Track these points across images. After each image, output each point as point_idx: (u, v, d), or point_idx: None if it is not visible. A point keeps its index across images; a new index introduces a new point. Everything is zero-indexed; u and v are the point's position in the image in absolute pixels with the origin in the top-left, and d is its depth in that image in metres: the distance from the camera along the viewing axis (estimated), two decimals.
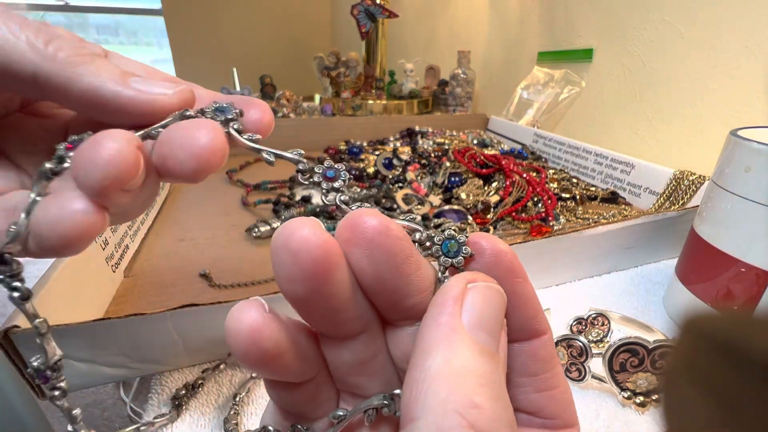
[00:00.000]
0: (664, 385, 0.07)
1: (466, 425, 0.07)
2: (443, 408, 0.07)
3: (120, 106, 0.11)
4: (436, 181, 0.49)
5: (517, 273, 0.10)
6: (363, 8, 0.87)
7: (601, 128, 0.69)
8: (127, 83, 0.12)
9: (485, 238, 0.10)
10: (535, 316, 0.10)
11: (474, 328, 0.09)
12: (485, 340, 0.09)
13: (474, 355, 0.08)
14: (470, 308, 0.09)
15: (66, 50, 0.11)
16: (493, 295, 0.09)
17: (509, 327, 0.10)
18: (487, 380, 0.08)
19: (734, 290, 0.26)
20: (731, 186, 0.26)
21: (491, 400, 0.08)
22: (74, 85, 0.11)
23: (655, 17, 0.57)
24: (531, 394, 0.11)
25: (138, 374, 0.25)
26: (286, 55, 2.24)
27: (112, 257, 0.32)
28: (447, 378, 0.08)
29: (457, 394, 0.08)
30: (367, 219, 0.09)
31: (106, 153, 0.10)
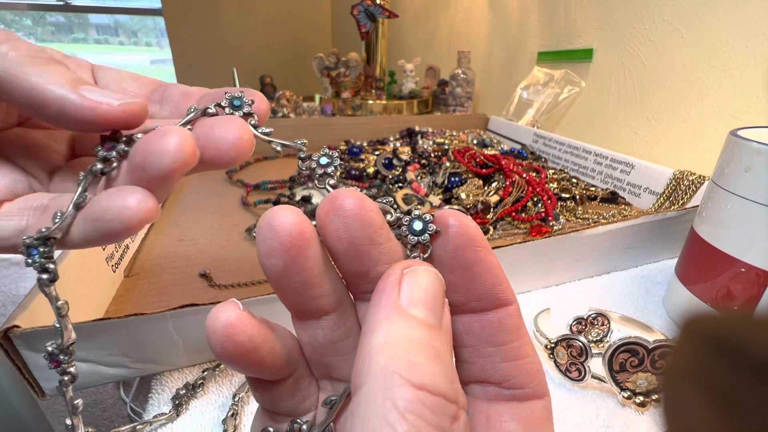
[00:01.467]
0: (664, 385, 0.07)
1: (404, 382, 0.08)
2: (384, 372, 0.08)
3: (62, 110, 0.12)
4: (436, 181, 0.49)
5: (478, 243, 0.11)
6: (363, 8, 0.87)
7: (601, 128, 0.69)
8: (76, 89, 0.12)
9: (452, 214, 0.11)
10: (498, 285, 0.11)
11: (411, 305, 0.09)
12: (424, 315, 0.09)
13: (411, 327, 0.09)
14: (407, 289, 0.10)
15: (20, 51, 0.12)
16: (429, 275, 0.10)
17: (474, 296, 0.11)
18: (425, 345, 0.09)
19: (734, 290, 0.26)
20: (731, 186, 0.26)
21: (428, 359, 0.09)
22: (20, 83, 0.12)
23: (655, 17, 0.57)
24: (498, 363, 0.11)
25: (138, 374, 0.25)
26: (286, 55, 2.24)
27: (112, 257, 0.32)
28: (386, 347, 0.09)
29: (395, 358, 0.08)
30: (346, 194, 0.11)
31: (173, 142, 0.11)
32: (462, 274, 0.11)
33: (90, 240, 0.13)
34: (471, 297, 0.11)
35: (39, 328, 0.21)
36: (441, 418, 0.08)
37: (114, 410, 0.98)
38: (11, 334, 0.21)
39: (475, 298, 0.11)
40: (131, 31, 2.87)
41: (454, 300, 0.11)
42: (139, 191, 0.12)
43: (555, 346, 0.25)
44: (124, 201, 0.12)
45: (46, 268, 0.13)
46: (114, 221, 0.12)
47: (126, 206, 0.12)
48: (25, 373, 0.22)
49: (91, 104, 0.12)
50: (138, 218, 0.12)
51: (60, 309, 0.13)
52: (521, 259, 0.32)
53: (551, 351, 0.25)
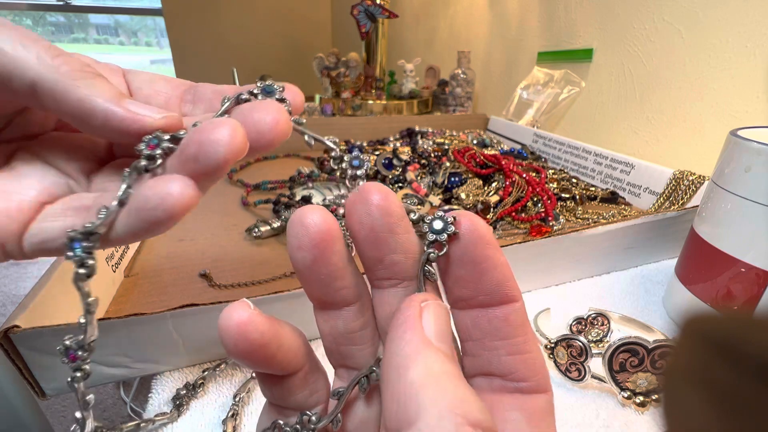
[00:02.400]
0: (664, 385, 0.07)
1: (462, 420, 0.08)
2: (437, 408, 0.08)
3: (107, 122, 0.13)
4: (436, 181, 0.49)
5: (488, 241, 0.11)
6: (363, 8, 0.87)
7: (601, 128, 0.69)
8: (121, 103, 0.13)
9: (465, 215, 0.12)
10: (505, 282, 0.11)
11: (436, 339, 0.10)
12: (445, 348, 0.10)
13: (445, 362, 0.09)
14: (429, 323, 0.10)
15: (71, 66, 0.13)
16: (442, 310, 0.11)
17: (482, 291, 0.12)
18: (459, 378, 0.09)
19: (734, 290, 0.26)
20: (731, 186, 0.26)
21: (471, 393, 0.09)
22: (69, 95, 0.12)
23: (655, 17, 0.57)
24: (503, 356, 0.12)
25: (138, 374, 0.25)
26: (286, 55, 2.24)
27: (112, 257, 0.32)
28: (433, 383, 0.09)
29: (447, 394, 0.09)
30: (372, 186, 0.12)
31: (226, 133, 0.12)
32: (471, 269, 0.11)
33: (135, 232, 0.13)
34: (479, 292, 0.12)
35: (39, 328, 0.21)
36: None
37: (114, 410, 0.98)
38: (11, 334, 0.21)
39: (483, 293, 0.11)
40: (131, 31, 2.87)
41: (464, 294, 0.12)
42: (179, 179, 0.12)
43: (555, 346, 0.25)
44: (167, 188, 0.12)
45: (84, 263, 0.13)
46: (157, 209, 0.12)
47: (169, 193, 0.12)
48: (25, 373, 0.22)
49: (134, 117, 0.13)
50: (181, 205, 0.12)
51: (90, 305, 0.14)
52: (521, 259, 0.32)
53: (551, 351, 0.25)
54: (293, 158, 0.70)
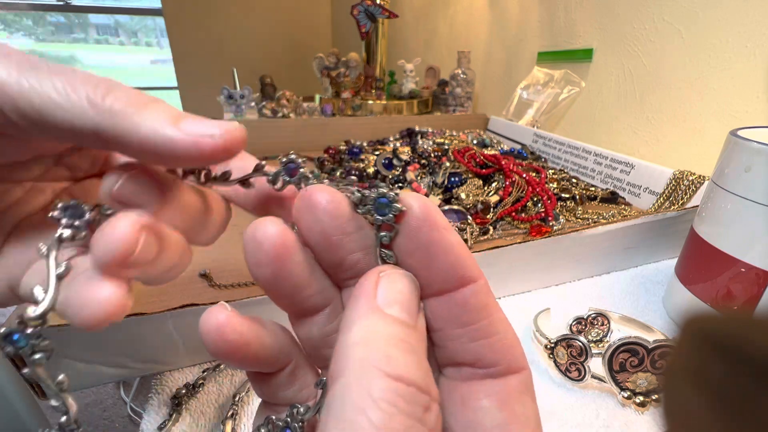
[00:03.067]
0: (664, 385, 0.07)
1: (380, 374, 0.08)
2: (361, 365, 0.09)
3: (173, 150, 0.12)
4: (435, 181, 0.49)
5: (434, 223, 0.11)
6: (363, 8, 0.87)
7: (601, 128, 0.69)
8: (178, 125, 0.12)
9: (409, 196, 0.11)
10: (458, 263, 0.11)
11: (387, 305, 0.10)
12: (399, 314, 0.10)
13: (387, 324, 0.09)
14: (383, 290, 0.10)
15: (122, 100, 0.12)
16: (403, 278, 0.11)
17: (435, 277, 0.11)
18: (400, 340, 0.09)
19: (734, 290, 0.26)
20: (731, 186, 0.26)
21: (403, 352, 0.09)
22: (132, 137, 0.12)
23: (655, 17, 0.57)
24: (467, 343, 0.11)
25: (138, 374, 0.25)
26: (286, 55, 2.24)
27: None
28: (364, 341, 0.09)
29: (373, 352, 0.09)
30: (314, 190, 0.11)
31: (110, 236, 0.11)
32: (421, 256, 0.11)
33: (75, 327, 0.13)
34: (433, 279, 0.11)
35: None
36: (413, 407, 0.08)
37: (114, 410, 0.98)
38: None
39: (438, 280, 0.11)
40: (131, 31, 2.87)
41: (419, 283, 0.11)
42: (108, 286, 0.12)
43: (555, 346, 0.25)
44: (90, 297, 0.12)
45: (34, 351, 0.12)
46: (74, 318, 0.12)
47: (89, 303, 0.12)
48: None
49: (194, 140, 0.12)
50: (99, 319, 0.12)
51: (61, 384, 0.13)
52: (521, 259, 0.32)
53: (551, 351, 0.25)
54: None
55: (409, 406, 0.08)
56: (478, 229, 0.41)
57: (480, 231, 0.41)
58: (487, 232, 0.41)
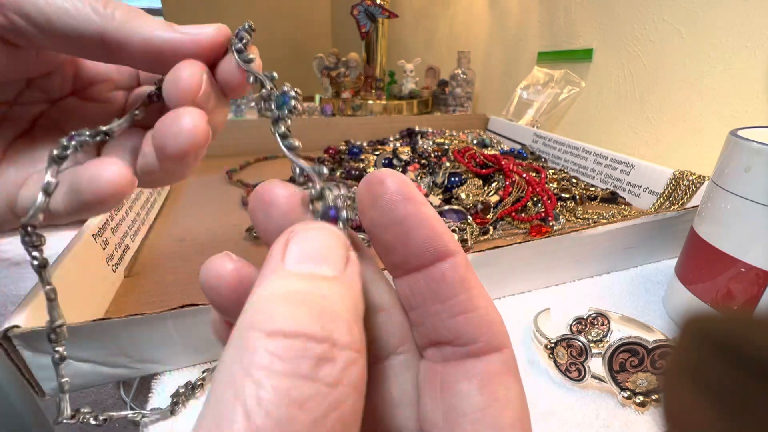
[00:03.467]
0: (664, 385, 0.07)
1: (260, 333, 0.07)
2: (242, 327, 0.08)
3: (173, 49, 0.14)
4: (435, 181, 0.49)
5: (408, 196, 0.10)
6: (363, 8, 0.87)
7: (601, 128, 0.69)
8: (173, 29, 0.14)
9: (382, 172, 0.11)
10: (435, 237, 0.10)
11: (296, 262, 0.09)
12: (314, 269, 0.09)
13: (288, 282, 0.08)
14: (293, 248, 0.09)
15: (122, 9, 0.14)
16: (319, 231, 0.10)
17: (412, 253, 0.10)
18: (298, 293, 0.08)
19: (734, 290, 0.26)
20: (731, 186, 0.26)
21: (293, 305, 0.08)
22: (132, 39, 0.14)
23: (655, 17, 0.57)
24: (446, 320, 0.10)
25: (138, 374, 0.25)
26: (286, 55, 2.24)
27: (112, 257, 0.32)
28: (253, 304, 0.08)
29: (256, 313, 0.08)
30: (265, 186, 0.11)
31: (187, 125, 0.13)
32: (396, 231, 0.10)
33: (71, 212, 0.14)
34: (409, 255, 0.10)
35: (39, 328, 0.21)
36: (296, 363, 0.07)
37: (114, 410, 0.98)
38: (11, 334, 0.21)
39: (414, 255, 0.10)
40: None
41: (395, 261, 0.11)
42: (115, 163, 0.13)
43: (555, 346, 0.25)
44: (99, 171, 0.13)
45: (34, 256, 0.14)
46: (86, 192, 0.13)
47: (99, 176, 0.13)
48: (25, 373, 0.22)
49: (194, 37, 0.14)
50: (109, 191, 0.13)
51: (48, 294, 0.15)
52: (521, 259, 0.32)
53: (551, 351, 0.25)
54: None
55: (289, 363, 0.07)
56: (478, 229, 0.41)
57: (480, 231, 0.41)
58: (487, 232, 0.41)
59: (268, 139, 0.72)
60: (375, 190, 0.10)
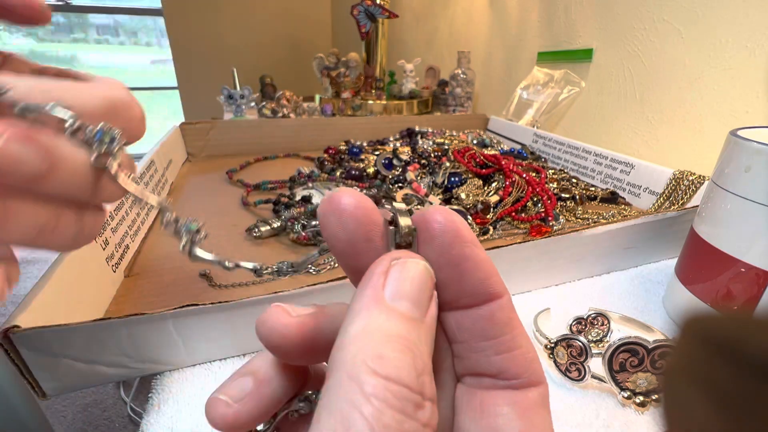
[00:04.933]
0: (664, 385, 0.07)
1: (371, 372, 0.08)
2: (353, 361, 0.08)
3: None
4: (435, 181, 0.49)
5: (465, 239, 0.11)
6: (363, 8, 0.87)
7: (601, 128, 0.69)
8: None
9: (438, 211, 0.11)
10: (487, 279, 0.11)
11: (395, 297, 0.09)
12: (407, 308, 0.10)
13: (389, 320, 0.09)
14: (393, 281, 0.10)
15: None
16: (417, 268, 0.10)
17: (464, 292, 0.11)
18: (398, 337, 0.09)
19: (734, 290, 0.26)
20: (731, 186, 0.26)
21: (398, 351, 0.09)
22: None
23: (655, 17, 0.57)
24: (492, 356, 0.11)
25: (138, 374, 0.25)
26: (286, 55, 2.24)
27: (112, 257, 0.32)
28: (359, 337, 0.09)
29: (366, 348, 0.09)
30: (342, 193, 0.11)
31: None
32: (451, 271, 0.11)
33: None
34: (461, 294, 0.11)
35: (39, 328, 0.21)
36: (404, 403, 0.08)
37: (114, 410, 0.98)
38: (11, 334, 0.21)
39: (466, 295, 0.11)
40: (131, 31, 2.87)
41: (445, 298, 0.11)
42: None
43: (555, 346, 0.25)
44: None
45: None
46: None
47: None
48: (25, 373, 0.22)
49: None
50: None
51: None
52: (521, 259, 0.32)
53: (551, 351, 0.25)
54: (293, 158, 0.70)
55: (400, 402, 0.08)
56: (478, 229, 0.41)
57: (480, 231, 0.41)
58: (487, 232, 0.41)
59: (268, 139, 0.72)
60: (429, 228, 0.11)
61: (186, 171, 0.62)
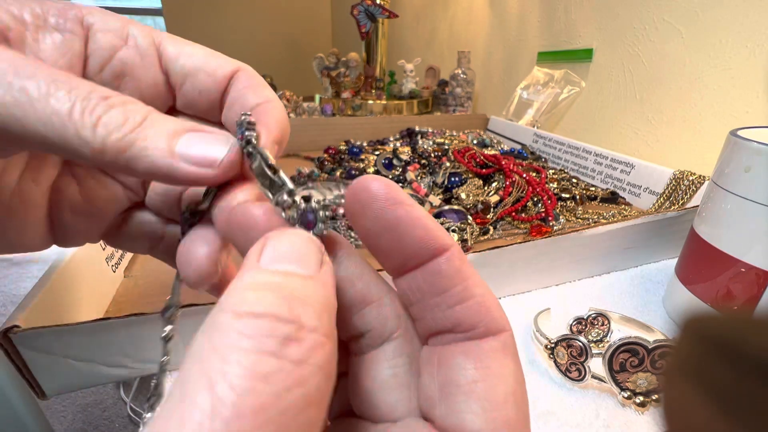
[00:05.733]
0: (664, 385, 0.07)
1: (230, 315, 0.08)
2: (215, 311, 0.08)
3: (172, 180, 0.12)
4: (436, 181, 0.49)
5: (400, 200, 0.11)
6: (363, 8, 0.87)
7: (601, 128, 0.69)
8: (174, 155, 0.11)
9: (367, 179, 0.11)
10: (429, 236, 0.11)
11: (270, 261, 0.09)
12: (287, 267, 0.09)
13: (262, 275, 0.09)
14: (268, 251, 0.10)
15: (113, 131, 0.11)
16: (294, 237, 0.10)
17: (406, 254, 0.11)
18: (271, 284, 0.09)
19: (734, 290, 0.26)
20: (731, 186, 0.26)
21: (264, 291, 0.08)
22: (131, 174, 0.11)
23: (655, 17, 0.57)
24: (446, 310, 0.11)
25: (138, 374, 0.25)
26: (286, 55, 2.24)
27: (112, 257, 0.32)
28: (227, 292, 0.09)
29: (229, 298, 0.09)
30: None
31: None
32: (390, 236, 0.11)
33: None
34: (405, 256, 0.11)
35: (39, 328, 0.21)
36: (262, 341, 0.08)
37: (114, 410, 0.98)
38: (11, 334, 0.21)
39: (410, 257, 0.11)
40: None
41: (394, 264, 0.11)
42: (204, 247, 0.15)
43: (555, 346, 0.25)
44: None
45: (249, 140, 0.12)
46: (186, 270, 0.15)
47: None
48: (25, 373, 0.22)
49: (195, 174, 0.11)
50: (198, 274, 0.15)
51: None
52: (521, 259, 0.32)
53: (551, 351, 0.25)
54: (293, 158, 0.70)
55: (255, 340, 0.08)
56: (478, 229, 0.41)
57: (480, 231, 0.41)
58: (487, 232, 0.41)
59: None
60: (362, 198, 0.11)
61: None
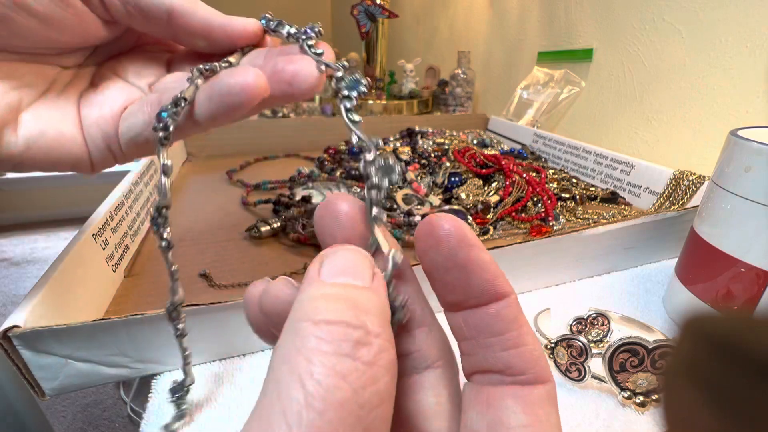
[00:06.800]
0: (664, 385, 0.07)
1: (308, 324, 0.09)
2: (293, 320, 0.09)
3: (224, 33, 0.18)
4: (435, 181, 0.49)
5: (470, 242, 0.11)
6: (363, 8, 0.87)
7: (601, 128, 0.69)
8: (225, 16, 0.18)
9: (445, 218, 0.11)
10: (493, 280, 0.11)
11: (330, 276, 0.10)
12: (345, 280, 0.10)
13: (323, 288, 0.10)
14: (326, 266, 0.11)
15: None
16: (347, 252, 0.11)
17: (472, 294, 0.11)
18: (335, 294, 0.10)
19: (734, 290, 0.26)
20: (731, 186, 0.26)
21: (332, 301, 0.09)
22: (194, 17, 0.18)
23: (655, 17, 0.57)
24: (498, 352, 0.11)
25: (138, 374, 0.25)
26: None
27: (112, 257, 0.32)
28: (300, 302, 0.10)
29: (304, 308, 0.09)
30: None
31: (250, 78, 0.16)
32: (458, 273, 0.11)
33: (216, 116, 0.17)
34: (469, 294, 0.11)
35: (39, 328, 0.21)
36: (338, 344, 0.09)
37: (114, 410, 0.98)
38: (11, 334, 0.21)
39: (473, 295, 0.11)
40: None
41: (453, 299, 0.12)
42: (252, 70, 0.16)
43: (555, 346, 0.25)
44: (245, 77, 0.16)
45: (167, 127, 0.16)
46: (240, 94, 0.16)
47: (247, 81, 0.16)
48: (25, 373, 0.22)
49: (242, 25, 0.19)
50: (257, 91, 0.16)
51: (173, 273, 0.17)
52: (521, 259, 0.32)
53: (551, 351, 0.25)
54: (293, 158, 0.70)
55: (333, 344, 0.09)
56: (478, 229, 0.41)
57: (480, 231, 0.41)
58: (487, 232, 0.41)
59: (268, 139, 0.72)
60: (436, 234, 0.11)
61: (186, 171, 0.62)
